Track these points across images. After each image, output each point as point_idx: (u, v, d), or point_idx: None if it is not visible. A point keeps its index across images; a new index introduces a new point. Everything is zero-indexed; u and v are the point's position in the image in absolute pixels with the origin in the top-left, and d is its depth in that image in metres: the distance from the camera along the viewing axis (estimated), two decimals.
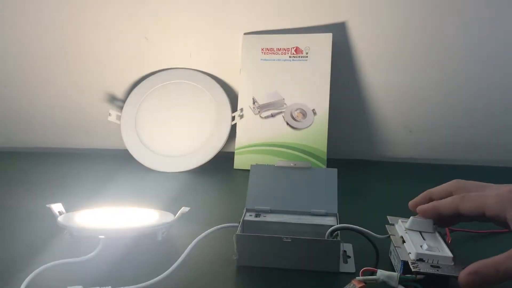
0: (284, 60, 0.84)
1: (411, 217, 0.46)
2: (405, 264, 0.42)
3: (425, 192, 0.49)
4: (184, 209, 0.55)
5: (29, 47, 0.88)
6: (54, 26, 0.86)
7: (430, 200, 0.47)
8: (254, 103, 0.84)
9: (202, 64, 0.88)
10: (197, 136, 0.84)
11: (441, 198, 0.46)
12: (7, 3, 0.85)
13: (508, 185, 0.43)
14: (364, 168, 0.85)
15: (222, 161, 0.84)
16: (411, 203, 0.49)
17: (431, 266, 0.41)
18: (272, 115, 0.84)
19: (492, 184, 0.45)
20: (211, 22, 0.84)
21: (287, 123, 0.83)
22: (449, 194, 0.46)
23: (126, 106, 0.87)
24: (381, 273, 0.41)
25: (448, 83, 0.84)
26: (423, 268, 0.40)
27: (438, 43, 0.81)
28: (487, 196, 0.42)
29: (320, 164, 0.81)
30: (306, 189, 0.55)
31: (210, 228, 0.51)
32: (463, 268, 0.38)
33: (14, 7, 0.85)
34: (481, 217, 0.42)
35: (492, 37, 0.80)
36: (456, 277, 0.39)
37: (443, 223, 0.47)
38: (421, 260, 0.41)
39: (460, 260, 0.41)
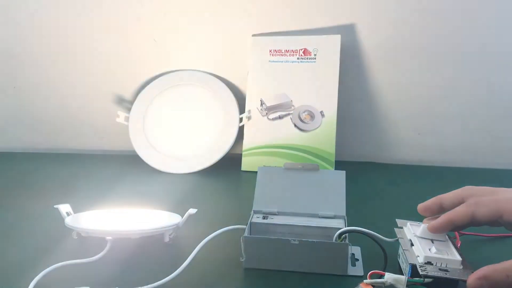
0: (292, 62, 0.84)
1: (422, 225, 0.45)
2: (413, 267, 0.41)
3: (435, 198, 0.47)
4: (191, 210, 0.55)
5: (38, 48, 0.89)
6: (62, 27, 0.87)
7: (440, 206, 0.46)
8: (261, 104, 0.84)
9: (210, 65, 0.88)
10: (204, 138, 0.84)
11: (452, 205, 0.44)
12: (15, 4, 0.86)
13: None
14: (373, 170, 0.84)
15: (230, 163, 0.84)
16: (420, 206, 0.47)
17: (439, 269, 0.40)
18: (280, 117, 0.84)
19: (503, 188, 0.44)
20: (219, 23, 0.85)
21: (295, 125, 0.83)
22: (461, 200, 0.44)
23: (134, 108, 0.88)
24: (389, 276, 0.41)
25: (457, 85, 0.83)
26: (431, 271, 0.40)
27: (448, 46, 0.81)
28: (504, 200, 0.41)
29: (328, 166, 0.81)
30: (314, 191, 0.55)
31: (217, 230, 0.51)
32: (472, 272, 0.38)
33: (22, 9, 0.86)
34: (495, 222, 0.42)
35: (504, 39, 0.79)
36: (465, 281, 0.38)
37: (454, 228, 0.46)
38: (429, 263, 0.41)
39: (469, 263, 0.41)
